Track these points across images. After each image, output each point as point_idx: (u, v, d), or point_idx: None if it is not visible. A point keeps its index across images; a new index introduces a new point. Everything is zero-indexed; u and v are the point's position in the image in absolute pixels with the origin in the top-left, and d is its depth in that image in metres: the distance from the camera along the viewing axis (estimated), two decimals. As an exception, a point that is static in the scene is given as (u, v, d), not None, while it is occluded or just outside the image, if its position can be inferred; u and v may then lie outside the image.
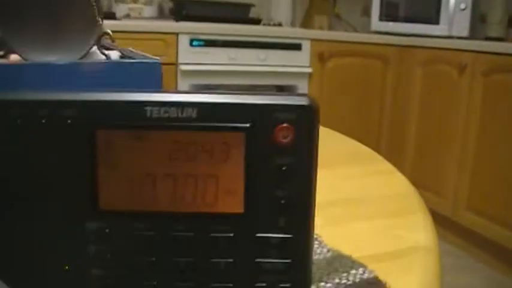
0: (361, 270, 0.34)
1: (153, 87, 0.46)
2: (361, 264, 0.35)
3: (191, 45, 2.25)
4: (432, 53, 2.37)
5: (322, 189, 0.32)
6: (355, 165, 0.66)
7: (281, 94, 0.27)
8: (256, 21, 2.64)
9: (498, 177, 2.07)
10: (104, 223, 0.27)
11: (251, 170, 0.26)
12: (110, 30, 0.50)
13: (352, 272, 0.34)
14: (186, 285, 0.27)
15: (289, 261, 0.27)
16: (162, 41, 2.18)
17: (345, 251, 0.38)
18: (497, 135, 2.07)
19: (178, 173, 0.26)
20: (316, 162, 0.27)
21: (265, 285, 0.27)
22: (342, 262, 0.35)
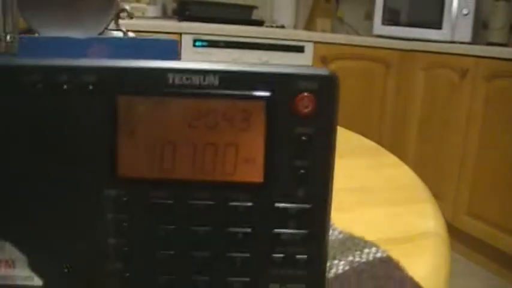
0: (374, 250, 0.34)
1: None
2: (374, 244, 0.35)
3: (194, 45, 2.25)
4: (434, 57, 2.38)
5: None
6: (360, 158, 0.66)
7: (302, 66, 0.27)
8: (259, 23, 2.65)
9: (499, 183, 2.07)
10: (122, 191, 0.27)
11: (271, 139, 0.26)
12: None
13: (366, 250, 0.34)
14: (202, 255, 0.27)
15: (306, 232, 0.27)
16: (165, 41, 2.18)
17: (356, 234, 0.38)
18: (498, 140, 2.07)
19: (198, 141, 0.26)
20: (335, 134, 0.27)
21: (282, 256, 0.27)
22: (355, 242, 0.35)
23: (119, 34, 0.48)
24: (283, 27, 2.74)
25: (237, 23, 2.44)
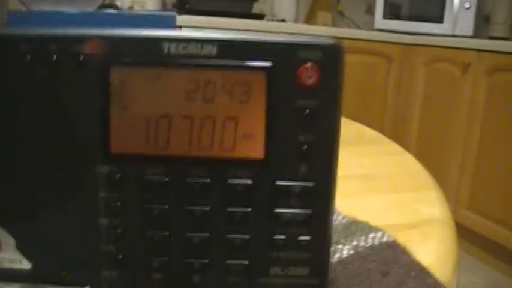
0: (379, 234, 0.33)
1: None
2: (379, 229, 0.34)
3: (194, 38, 2.23)
4: (436, 51, 2.36)
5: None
6: (363, 146, 0.65)
7: (305, 35, 0.26)
8: (260, 17, 2.63)
9: (500, 178, 2.05)
10: (115, 167, 0.25)
11: (272, 112, 0.25)
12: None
13: (371, 235, 0.32)
14: (199, 236, 0.26)
15: (310, 212, 0.26)
16: (165, 34, 2.16)
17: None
18: (500, 135, 2.06)
19: (195, 114, 0.25)
20: (341, 107, 0.25)
21: (284, 237, 0.26)
22: (359, 226, 0.34)
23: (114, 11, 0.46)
24: (283, 21, 2.72)
25: (238, 16, 2.42)
